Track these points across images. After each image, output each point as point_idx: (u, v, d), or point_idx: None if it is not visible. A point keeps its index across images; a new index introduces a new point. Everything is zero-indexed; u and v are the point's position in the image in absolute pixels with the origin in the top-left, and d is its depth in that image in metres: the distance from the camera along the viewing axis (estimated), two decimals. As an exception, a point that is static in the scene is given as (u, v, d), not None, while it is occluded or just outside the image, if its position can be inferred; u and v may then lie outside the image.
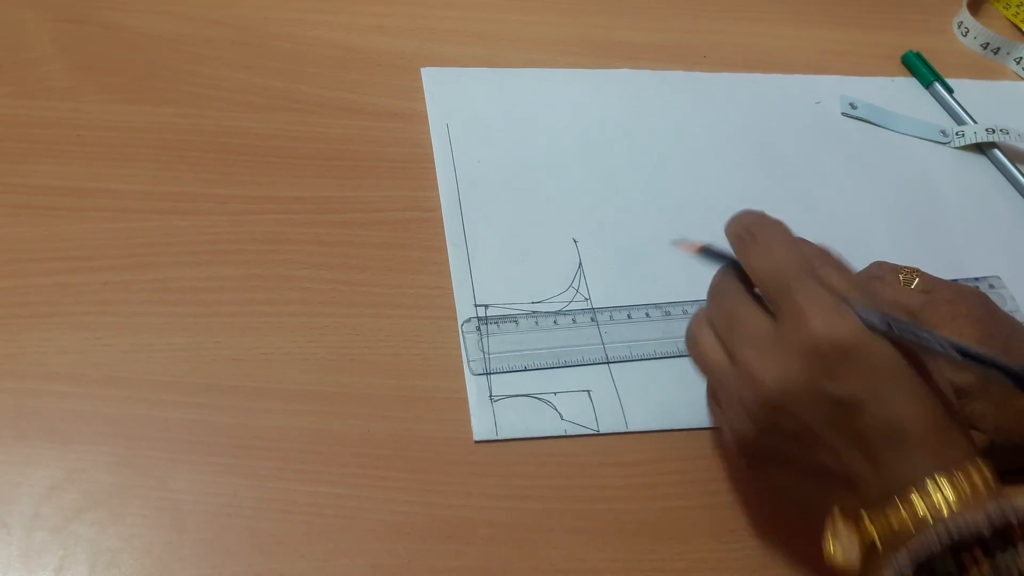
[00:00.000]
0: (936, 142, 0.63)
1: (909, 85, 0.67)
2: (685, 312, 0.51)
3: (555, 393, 0.46)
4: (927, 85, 0.67)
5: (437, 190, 0.54)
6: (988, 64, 0.70)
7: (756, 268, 0.38)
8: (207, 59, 0.57)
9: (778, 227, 0.39)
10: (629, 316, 0.50)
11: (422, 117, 0.57)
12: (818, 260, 0.38)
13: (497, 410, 0.46)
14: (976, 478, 0.34)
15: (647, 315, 0.50)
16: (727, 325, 0.38)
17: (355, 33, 0.60)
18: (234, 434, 0.43)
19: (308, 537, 0.41)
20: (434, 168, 0.55)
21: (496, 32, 0.63)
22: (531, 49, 0.62)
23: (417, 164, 0.55)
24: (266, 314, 0.47)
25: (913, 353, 0.35)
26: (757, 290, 0.39)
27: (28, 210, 0.48)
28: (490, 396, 0.46)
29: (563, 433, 0.45)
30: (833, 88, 0.64)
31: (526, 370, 0.47)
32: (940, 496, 0.34)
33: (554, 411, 0.46)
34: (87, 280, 0.47)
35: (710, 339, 0.40)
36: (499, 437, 0.45)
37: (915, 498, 0.34)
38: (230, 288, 0.48)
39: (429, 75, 0.59)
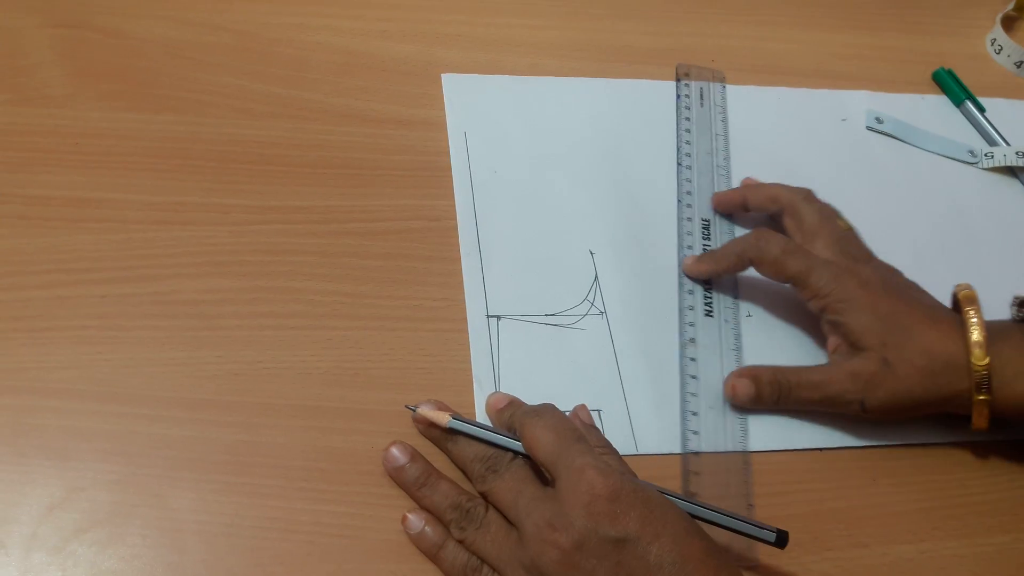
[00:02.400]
0: (964, 162, 0.62)
1: (940, 103, 0.65)
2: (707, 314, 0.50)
3: (565, 412, 0.45)
4: (958, 104, 0.65)
5: (442, 199, 0.53)
6: (1022, 83, 0.68)
7: (534, 439, 0.41)
8: (207, 65, 0.56)
9: (548, 406, 0.43)
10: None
11: (426, 123, 0.56)
12: (584, 431, 0.42)
13: (504, 428, 0.45)
14: None
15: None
16: (512, 498, 0.40)
17: (358, 38, 0.59)
18: (236, 451, 0.42)
19: (311, 557, 0.40)
20: (438, 176, 0.54)
21: (501, 36, 0.62)
22: (536, 54, 0.61)
23: (421, 172, 0.54)
24: (268, 327, 0.46)
25: None
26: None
27: (25, 221, 0.48)
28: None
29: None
30: (861, 104, 0.63)
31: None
32: None
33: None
34: (85, 293, 0.46)
35: (499, 523, 0.41)
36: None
37: None
38: (231, 300, 0.47)
39: (449, 81, 0.58)
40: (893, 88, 0.65)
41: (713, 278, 0.52)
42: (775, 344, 0.51)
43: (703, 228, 0.54)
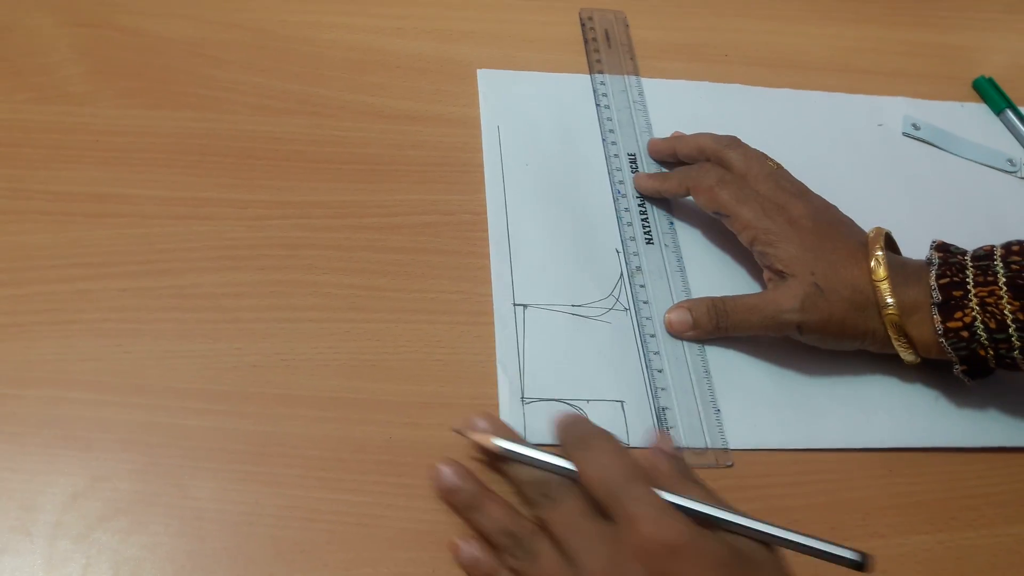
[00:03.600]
0: (1003, 171, 0.61)
1: (979, 111, 0.65)
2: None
3: (587, 401, 0.45)
4: (999, 112, 0.64)
5: (457, 193, 0.53)
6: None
7: (589, 475, 0.39)
8: (224, 62, 0.56)
9: (605, 436, 0.40)
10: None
11: (441, 119, 0.56)
12: (651, 464, 0.40)
13: (528, 412, 0.45)
14: None
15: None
16: (566, 532, 0.38)
17: (373, 35, 0.60)
18: (255, 441, 0.43)
19: (330, 545, 0.41)
20: (453, 171, 0.54)
21: (514, 33, 0.62)
22: (549, 50, 0.62)
23: (437, 167, 0.54)
24: (286, 320, 0.47)
25: None
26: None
27: (48, 216, 0.48)
28: (522, 397, 0.46)
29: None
30: (898, 110, 0.62)
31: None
32: None
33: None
34: (106, 287, 0.46)
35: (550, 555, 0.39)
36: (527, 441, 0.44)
37: None
38: (249, 294, 0.47)
39: (484, 76, 0.59)
40: (910, 82, 0.65)
41: (657, 196, 0.55)
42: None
43: (630, 162, 0.56)
